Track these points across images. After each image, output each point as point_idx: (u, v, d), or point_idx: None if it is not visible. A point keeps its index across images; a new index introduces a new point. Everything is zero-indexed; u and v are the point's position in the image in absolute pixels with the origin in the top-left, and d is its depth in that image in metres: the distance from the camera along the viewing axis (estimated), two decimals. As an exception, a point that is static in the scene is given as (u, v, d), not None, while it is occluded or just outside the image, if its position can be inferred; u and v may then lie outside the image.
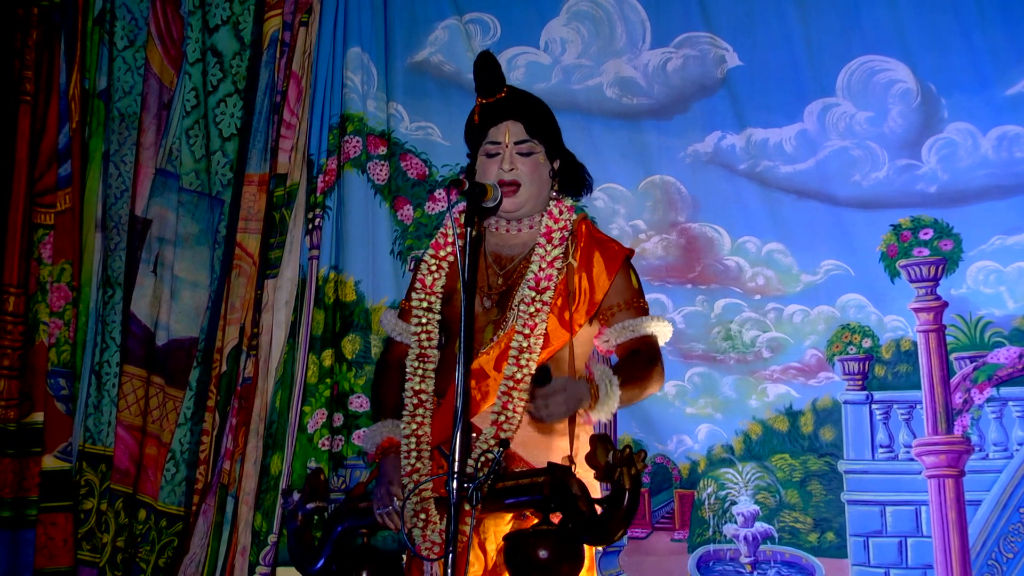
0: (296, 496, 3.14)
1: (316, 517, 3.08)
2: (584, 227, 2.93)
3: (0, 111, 4.48)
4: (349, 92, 4.55)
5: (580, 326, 2.85)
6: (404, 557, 2.96)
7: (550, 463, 2.61)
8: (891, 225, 4.23)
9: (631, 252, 2.92)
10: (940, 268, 4.16)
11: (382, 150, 4.55)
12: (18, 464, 4.33)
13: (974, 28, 4.19)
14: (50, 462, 4.36)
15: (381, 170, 4.54)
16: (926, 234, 4.19)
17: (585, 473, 2.62)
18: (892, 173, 4.25)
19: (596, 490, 2.68)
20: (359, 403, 4.40)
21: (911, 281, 4.19)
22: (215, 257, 4.56)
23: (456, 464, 2.42)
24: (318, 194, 4.50)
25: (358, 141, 4.54)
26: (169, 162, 4.63)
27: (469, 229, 2.61)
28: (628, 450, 2.46)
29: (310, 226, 4.50)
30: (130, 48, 4.69)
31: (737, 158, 4.37)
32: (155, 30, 4.67)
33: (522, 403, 2.75)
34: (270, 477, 4.31)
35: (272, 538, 4.22)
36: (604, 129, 4.47)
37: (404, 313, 3.02)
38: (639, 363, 2.79)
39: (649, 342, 2.85)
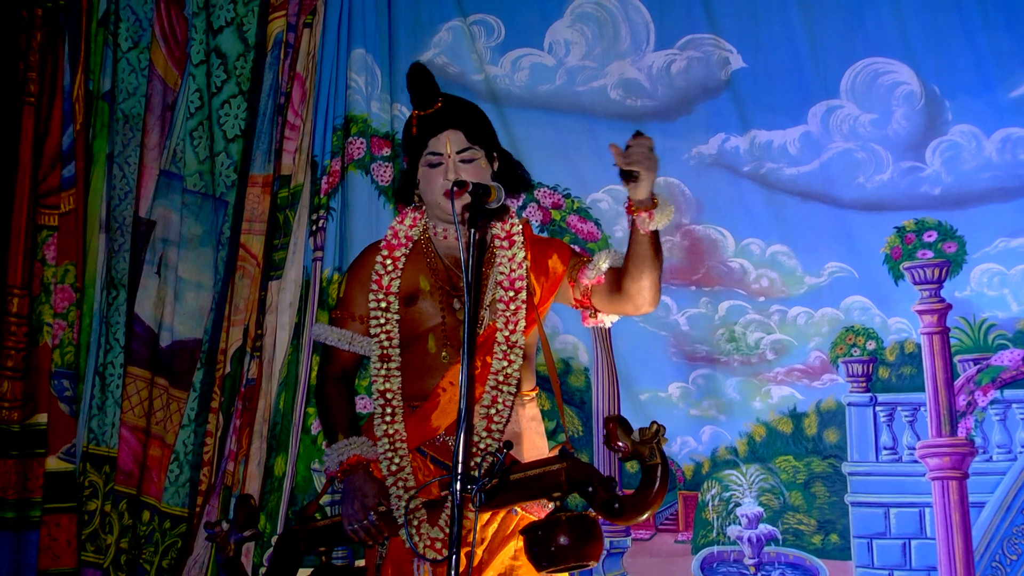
0: (225, 526, 3.11)
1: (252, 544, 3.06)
2: (528, 229, 3.04)
3: (4, 112, 4.48)
4: (353, 93, 4.56)
5: (544, 317, 2.99)
6: (365, 565, 2.96)
7: (562, 449, 2.64)
8: (895, 227, 4.23)
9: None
10: (944, 270, 4.17)
11: (386, 151, 4.55)
12: (22, 465, 4.33)
13: (978, 30, 4.20)
14: (54, 463, 4.36)
15: (385, 171, 4.54)
16: (930, 236, 4.19)
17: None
18: (896, 175, 4.26)
19: None
20: (362, 405, 4.39)
21: (915, 283, 4.19)
22: (219, 258, 4.56)
23: (460, 466, 2.43)
24: (322, 195, 4.50)
25: (362, 142, 4.54)
26: (173, 163, 4.63)
27: (474, 231, 2.62)
28: (655, 425, 2.50)
29: (314, 227, 4.50)
30: (134, 50, 4.69)
31: (741, 160, 4.38)
32: (159, 31, 4.67)
33: (511, 397, 2.84)
34: (274, 478, 4.31)
35: (275, 539, 4.22)
36: (608, 130, 4.47)
37: (337, 321, 3.04)
38: None
39: None
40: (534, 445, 2.92)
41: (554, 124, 4.46)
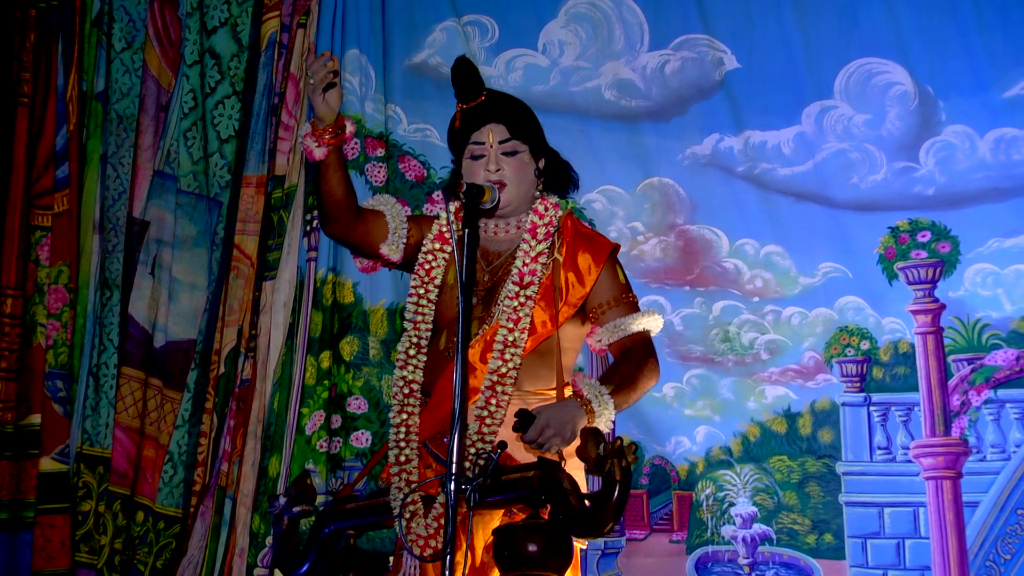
0: (283, 500, 3.13)
1: (303, 521, 3.07)
2: (570, 222, 2.93)
3: (-3, 113, 4.49)
4: (347, 94, 4.54)
5: (567, 319, 2.86)
6: (391, 559, 2.96)
7: (540, 458, 2.61)
8: (889, 227, 4.24)
9: (617, 246, 2.93)
10: (938, 270, 4.17)
11: (380, 152, 4.55)
12: (15, 466, 4.32)
13: (972, 30, 4.21)
14: (48, 464, 4.35)
15: (379, 172, 4.54)
16: (924, 236, 4.20)
17: (575, 470, 2.64)
18: (890, 175, 4.26)
19: (583, 486, 2.69)
20: (357, 405, 4.40)
21: (909, 283, 4.20)
22: (213, 259, 4.56)
23: (454, 466, 2.42)
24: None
25: (356, 143, 4.54)
26: (167, 164, 4.63)
27: (468, 231, 2.61)
28: (620, 441, 2.46)
29: (308, 228, 4.49)
30: (128, 50, 4.68)
31: (735, 160, 4.38)
32: (153, 32, 4.67)
33: (506, 398, 2.77)
34: (268, 479, 4.30)
35: (270, 540, 4.22)
36: (602, 131, 4.48)
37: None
38: (630, 364, 2.81)
39: (641, 338, 2.86)
40: None
41: (548, 125, 4.32)
